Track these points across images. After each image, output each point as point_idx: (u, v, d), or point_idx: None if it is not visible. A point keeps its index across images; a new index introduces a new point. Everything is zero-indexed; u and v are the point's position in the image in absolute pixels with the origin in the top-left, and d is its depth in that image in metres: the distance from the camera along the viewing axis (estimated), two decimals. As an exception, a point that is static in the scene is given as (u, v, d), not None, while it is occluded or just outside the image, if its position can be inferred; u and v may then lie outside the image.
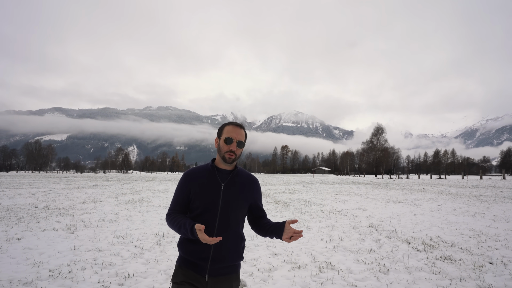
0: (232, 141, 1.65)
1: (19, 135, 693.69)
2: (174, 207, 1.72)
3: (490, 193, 15.54)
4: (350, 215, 8.68)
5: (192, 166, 34.49)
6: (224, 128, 1.71)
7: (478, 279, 3.63)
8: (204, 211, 1.62)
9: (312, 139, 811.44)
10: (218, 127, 1.77)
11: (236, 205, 1.66)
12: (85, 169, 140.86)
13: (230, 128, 1.68)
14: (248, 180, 1.76)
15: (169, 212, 1.71)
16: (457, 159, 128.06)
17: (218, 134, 1.73)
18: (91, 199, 12.22)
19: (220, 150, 1.67)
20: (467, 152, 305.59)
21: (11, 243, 5.06)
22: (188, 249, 1.64)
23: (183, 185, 1.70)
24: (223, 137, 1.67)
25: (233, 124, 1.70)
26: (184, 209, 1.70)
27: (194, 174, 1.71)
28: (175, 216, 1.64)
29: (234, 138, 1.65)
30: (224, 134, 1.67)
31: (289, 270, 3.97)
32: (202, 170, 1.71)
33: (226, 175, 1.69)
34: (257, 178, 1.84)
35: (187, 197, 1.68)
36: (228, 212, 1.64)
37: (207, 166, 1.73)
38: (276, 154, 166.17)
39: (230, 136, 1.65)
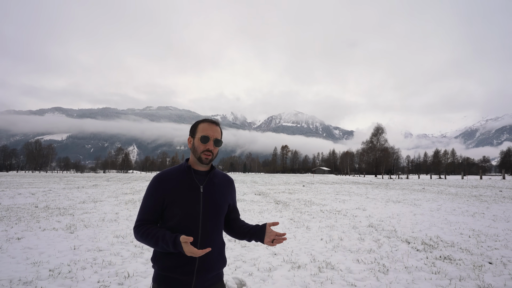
0: (208, 139, 1.49)
1: (19, 135, 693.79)
2: (144, 217, 1.47)
3: (490, 193, 15.54)
4: (350, 215, 8.69)
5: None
6: (198, 125, 1.54)
7: (478, 279, 3.63)
8: (184, 218, 1.44)
9: (312, 139, 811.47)
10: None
11: (218, 209, 1.53)
12: (85, 169, 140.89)
13: (205, 125, 1.53)
14: (225, 181, 1.64)
15: (137, 224, 1.47)
16: (457, 159, 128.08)
17: (192, 132, 1.56)
18: (91, 199, 12.22)
19: (196, 150, 1.51)
20: (467, 152, 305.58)
21: (11, 243, 5.07)
22: (167, 264, 1.43)
23: (155, 190, 1.47)
24: (198, 136, 1.51)
25: (208, 121, 1.55)
26: (156, 219, 1.49)
27: (167, 177, 1.50)
28: (148, 228, 1.42)
29: (210, 136, 1.50)
30: (199, 132, 1.51)
31: (288, 270, 3.97)
32: (176, 172, 1.52)
33: (203, 176, 1.54)
34: (232, 178, 1.72)
35: (161, 204, 1.46)
36: (210, 217, 1.49)
37: (181, 168, 1.54)
38: (276, 154, 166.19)
39: (206, 134, 1.50)
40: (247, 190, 18.81)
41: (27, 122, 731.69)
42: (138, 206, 10.19)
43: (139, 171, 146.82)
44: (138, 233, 1.44)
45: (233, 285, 3.44)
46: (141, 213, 1.50)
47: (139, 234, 1.44)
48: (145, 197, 1.51)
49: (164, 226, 1.48)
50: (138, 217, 1.50)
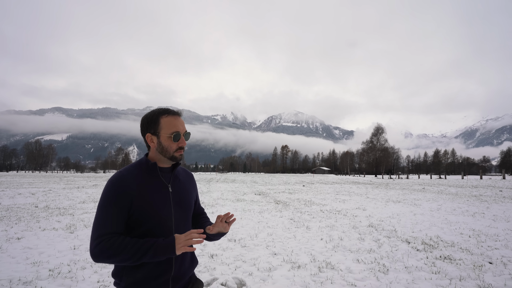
0: (180, 136, 1.29)
1: (19, 135, 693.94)
2: (110, 229, 1.16)
3: (490, 193, 15.54)
4: (350, 215, 8.69)
5: (193, 167, 34.34)
6: (159, 119, 1.29)
7: (478, 278, 3.63)
8: (156, 224, 1.23)
9: (312, 139, 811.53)
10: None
11: (188, 208, 1.38)
12: (85, 169, 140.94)
13: (171, 119, 1.29)
14: (187, 176, 1.49)
15: (103, 238, 1.14)
16: (457, 159, 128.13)
17: (152, 129, 1.30)
18: (91, 199, 12.22)
19: (166, 150, 1.28)
20: (467, 152, 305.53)
21: (11, 243, 5.07)
22: (138, 277, 1.21)
23: (118, 197, 1.19)
24: (165, 133, 1.27)
25: (171, 114, 1.31)
26: (123, 229, 1.21)
27: (130, 178, 1.23)
28: (124, 239, 1.15)
29: (181, 131, 1.30)
30: (166, 129, 1.28)
31: (288, 270, 3.97)
32: (137, 171, 1.27)
33: (168, 174, 1.35)
34: (192, 173, 1.58)
35: (127, 211, 1.20)
36: (182, 218, 1.33)
37: (142, 165, 1.30)
38: (276, 154, 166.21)
39: (177, 130, 1.28)
40: (247, 190, 18.80)
41: (27, 122, 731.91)
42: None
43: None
44: (108, 249, 1.12)
45: (233, 285, 3.44)
46: (102, 226, 1.16)
47: (111, 248, 1.12)
48: (105, 205, 1.19)
49: (131, 236, 1.23)
50: (98, 232, 1.15)
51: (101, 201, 1.21)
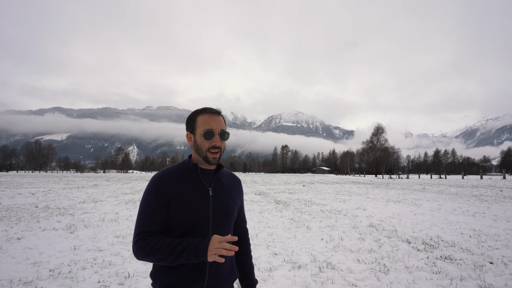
0: (213, 134, 1.22)
1: (19, 134, 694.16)
2: (147, 228, 1.17)
3: (491, 193, 15.54)
4: (350, 214, 8.68)
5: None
6: (197, 118, 1.26)
7: (479, 278, 3.63)
8: (193, 227, 1.19)
9: (312, 139, 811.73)
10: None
11: (229, 213, 1.29)
12: (85, 169, 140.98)
13: (205, 117, 1.24)
14: (233, 181, 1.41)
15: (141, 236, 1.16)
16: (457, 158, 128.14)
17: (190, 127, 1.28)
18: (91, 199, 12.22)
19: (199, 148, 1.24)
20: (467, 152, 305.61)
21: (11, 243, 5.06)
22: (171, 281, 1.18)
23: (158, 193, 1.19)
24: (199, 131, 1.23)
25: (208, 111, 1.25)
26: (162, 228, 1.20)
27: (171, 178, 1.22)
28: (160, 238, 1.14)
29: (215, 129, 1.22)
30: (200, 127, 1.23)
31: (289, 270, 3.96)
32: (178, 172, 1.26)
33: (210, 176, 1.29)
34: (239, 178, 1.50)
35: (166, 210, 1.19)
36: (221, 224, 1.26)
37: (184, 166, 1.28)
38: (276, 154, 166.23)
39: (210, 127, 1.22)
40: (247, 190, 18.80)
41: (27, 122, 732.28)
42: (138, 206, 10.12)
43: (139, 171, 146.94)
44: (145, 247, 1.13)
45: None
46: (142, 223, 1.18)
47: (148, 246, 1.12)
48: (145, 203, 1.20)
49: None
50: (138, 230, 1.18)
51: (142, 199, 1.23)
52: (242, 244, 1.47)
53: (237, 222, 1.44)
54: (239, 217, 1.45)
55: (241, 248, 1.46)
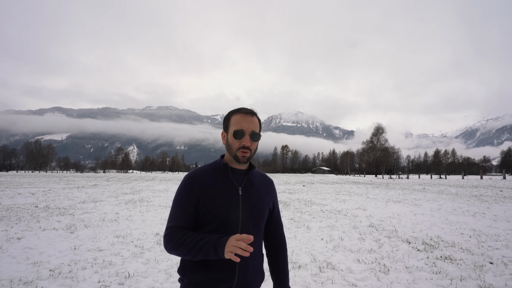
0: (243, 134, 1.24)
1: (19, 134, 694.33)
2: (177, 223, 1.23)
3: (491, 193, 15.53)
4: (350, 215, 8.68)
5: (192, 167, 34.62)
6: (231, 117, 1.29)
7: (479, 279, 3.63)
8: (221, 226, 1.21)
9: (312, 139, 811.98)
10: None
11: (259, 214, 1.29)
12: (85, 169, 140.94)
13: (238, 117, 1.27)
14: (265, 181, 1.41)
15: (169, 231, 1.21)
16: (457, 159, 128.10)
17: (225, 126, 1.32)
18: (91, 199, 12.22)
19: (230, 147, 1.27)
20: (468, 152, 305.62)
21: (11, 243, 5.06)
22: (200, 279, 1.20)
23: (189, 192, 1.24)
24: (231, 130, 1.27)
25: (242, 112, 1.28)
26: (192, 225, 1.24)
27: (202, 177, 1.27)
28: (186, 233, 1.17)
29: (245, 129, 1.24)
30: (233, 126, 1.26)
31: (289, 270, 3.96)
32: (210, 171, 1.30)
33: (241, 176, 1.31)
34: (272, 179, 1.48)
35: (195, 208, 1.23)
36: (250, 224, 1.26)
37: (216, 166, 1.31)
38: (276, 154, 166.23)
39: (241, 127, 1.24)
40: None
41: (27, 122, 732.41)
42: (138, 206, 10.19)
43: (139, 171, 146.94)
44: (172, 240, 1.17)
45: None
46: (172, 219, 1.24)
47: (174, 240, 1.17)
48: (176, 200, 1.26)
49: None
50: (168, 224, 1.25)
51: (174, 197, 1.28)
52: (275, 251, 1.43)
53: (270, 225, 1.42)
54: (272, 219, 1.42)
55: (274, 254, 1.42)
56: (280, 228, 1.46)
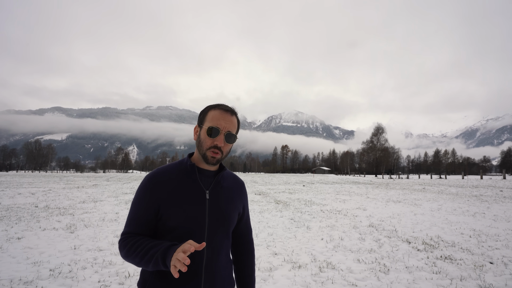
0: (218, 132, 1.11)
1: (19, 134, 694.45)
2: (133, 229, 1.10)
3: (491, 193, 15.54)
4: (350, 214, 8.68)
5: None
6: (208, 112, 1.15)
7: (479, 278, 3.63)
8: (186, 232, 1.08)
9: (312, 139, 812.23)
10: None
11: (227, 220, 1.17)
12: (85, 169, 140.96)
13: (216, 113, 1.13)
14: (235, 184, 1.27)
15: (124, 237, 1.09)
16: (457, 159, 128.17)
17: (200, 120, 1.18)
18: (91, 199, 12.22)
19: (201, 144, 1.13)
20: (468, 152, 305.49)
21: (11, 243, 5.06)
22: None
23: (148, 194, 1.10)
24: (205, 126, 1.13)
25: (221, 108, 1.15)
26: (148, 231, 1.11)
27: (164, 177, 1.12)
28: (139, 240, 1.05)
29: (221, 128, 1.12)
30: (208, 122, 1.13)
31: (289, 270, 3.96)
32: (175, 171, 1.15)
33: (209, 178, 1.17)
34: (243, 181, 1.35)
35: (155, 212, 1.09)
36: (218, 231, 1.14)
37: (182, 165, 1.17)
38: (276, 154, 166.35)
39: (217, 125, 1.11)
40: (247, 190, 18.80)
41: (27, 122, 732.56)
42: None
43: (139, 171, 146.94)
44: (124, 247, 1.05)
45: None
46: (129, 223, 1.11)
47: (126, 247, 1.05)
48: (135, 203, 1.12)
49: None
50: (124, 229, 1.12)
51: (134, 197, 1.15)
52: (242, 257, 1.31)
53: (238, 230, 1.29)
54: (240, 224, 1.29)
55: (242, 261, 1.31)
56: (249, 233, 1.35)
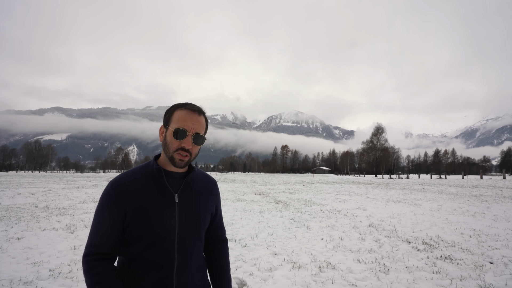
0: (185, 134, 1.06)
1: (19, 134, 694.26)
2: (98, 242, 1.03)
3: (490, 193, 15.54)
4: (350, 214, 8.68)
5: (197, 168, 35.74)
6: (174, 112, 1.09)
7: (479, 278, 3.63)
8: (155, 240, 1.03)
9: (312, 138, 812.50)
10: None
11: (199, 223, 1.12)
12: (85, 169, 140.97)
13: (183, 114, 1.07)
14: (207, 184, 1.22)
15: (88, 253, 1.03)
16: (457, 159, 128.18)
17: (165, 120, 1.12)
18: (91, 199, 12.21)
19: (167, 147, 1.08)
20: (467, 152, 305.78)
21: (11, 243, 5.06)
22: None
23: (112, 204, 1.03)
24: (171, 127, 1.07)
25: (188, 108, 1.09)
26: (114, 243, 1.05)
27: (129, 184, 1.06)
28: (100, 274, 1.00)
29: (188, 129, 1.06)
30: (174, 123, 1.07)
31: (289, 270, 3.96)
32: (140, 176, 1.09)
33: (178, 180, 1.12)
34: (215, 180, 1.29)
35: (121, 222, 1.03)
36: (189, 234, 1.09)
37: (147, 169, 1.11)
38: (276, 153, 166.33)
39: (183, 126, 1.06)
40: (247, 190, 18.79)
41: (27, 122, 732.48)
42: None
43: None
44: (87, 272, 1.01)
45: (234, 285, 3.44)
46: (93, 235, 1.04)
47: (88, 275, 1.00)
48: (98, 213, 1.05)
49: (126, 254, 1.06)
50: (88, 242, 1.05)
51: (97, 206, 1.07)
52: (215, 254, 1.27)
53: (212, 230, 1.25)
54: (213, 225, 1.25)
55: (215, 259, 1.26)
56: (222, 232, 1.31)
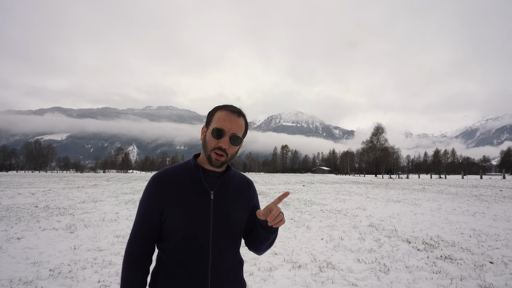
0: (223, 134, 1.08)
1: (19, 134, 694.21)
2: (140, 233, 1.11)
3: (490, 193, 15.54)
4: (350, 214, 8.68)
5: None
6: (215, 113, 1.13)
7: (479, 278, 3.63)
8: (190, 234, 1.07)
9: (312, 138, 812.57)
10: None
11: (233, 221, 1.13)
12: (85, 169, 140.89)
13: (223, 114, 1.10)
14: (243, 183, 1.24)
15: (131, 250, 1.11)
16: (457, 158, 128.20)
17: (207, 120, 1.15)
18: (91, 199, 12.21)
19: (206, 145, 1.11)
20: (467, 152, 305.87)
21: (11, 243, 5.06)
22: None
23: (153, 195, 1.10)
24: (211, 127, 1.10)
25: (228, 109, 1.12)
26: (154, 234, 1.11)
27: (169, 179, 1.11)
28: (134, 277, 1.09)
29: (226, 130, 1.09)
30: (214, 123, 1.10)
31: (289, 270, 3.96)
32: (180, 172, 1.13)
33: (215, 179, 1.14)
34: (251, 180, 1.31)
35: (159, 214, 1.09)
36: (223, 232, 1.11)
37: (187, 166, 1.15)
38: (276, 153, 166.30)
39: (222, 126, 1.08)
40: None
41: (27, 122, 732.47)
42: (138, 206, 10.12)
43: (139, 171, 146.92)
44: (125, 265, 1.10)
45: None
46: (136, 226, 1.12)
47: (125, 269, 1.10)
48: (141, 204, 1.13)
49: (163, 246, 1.12)
50: (132, 232, 1.12)
51: (141, 198, 1.14)
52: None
53: (253, 227, 1.23)
54: (251, 225, 1.24)
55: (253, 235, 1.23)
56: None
